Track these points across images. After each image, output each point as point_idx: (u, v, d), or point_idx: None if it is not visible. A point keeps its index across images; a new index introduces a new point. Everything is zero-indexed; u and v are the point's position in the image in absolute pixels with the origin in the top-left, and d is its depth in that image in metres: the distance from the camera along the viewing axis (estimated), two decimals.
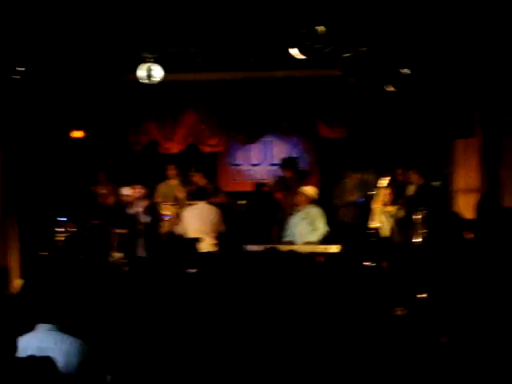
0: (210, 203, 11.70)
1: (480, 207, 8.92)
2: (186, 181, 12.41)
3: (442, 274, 7.54)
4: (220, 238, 11.56)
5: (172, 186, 12.24)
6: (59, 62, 10.14)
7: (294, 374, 4.73)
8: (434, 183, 11.74)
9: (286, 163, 12.50)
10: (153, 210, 11.23)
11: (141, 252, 10.76)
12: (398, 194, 10.90)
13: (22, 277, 10.28)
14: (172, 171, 12.24)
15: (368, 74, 9.20)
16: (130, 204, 11.31)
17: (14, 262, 11.31)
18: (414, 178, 11.23)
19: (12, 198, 11.63)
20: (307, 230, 11.01)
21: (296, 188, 11.74)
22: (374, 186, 11.32)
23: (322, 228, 10.96)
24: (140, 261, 10.21)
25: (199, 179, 12.37)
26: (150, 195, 11.67)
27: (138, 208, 11.05)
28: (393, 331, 5.91)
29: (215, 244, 11.39)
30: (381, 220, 10.73)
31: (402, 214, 10.71)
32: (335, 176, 12.57)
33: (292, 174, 12.31)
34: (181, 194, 12.00)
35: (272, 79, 11.85)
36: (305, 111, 12.05)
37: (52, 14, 8.43)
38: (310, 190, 11.22)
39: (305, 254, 10.25)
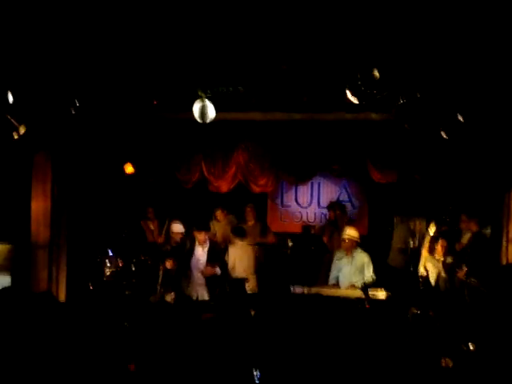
0: (256, 243, 11.80)
1: None
2: (241, 217, 12.50)
3: (491, 326, 7.38)
4: (266, 278, 11.56)
5: (221, 227, 12.34)
6: (113, 98, 10.27)
7: None
8: (484, 231, 11.58)
9: (334, 205, 12.51)
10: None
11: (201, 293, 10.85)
12: (450, 243, 10.75)
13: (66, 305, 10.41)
14: (220, 215, 12.30)
15: (422, 120, 9.13)
16: (179, 242, 11.32)
17: (60, 291, 11.45)
18: (473, 225, 11.10)
19: (62, 227, 11.80)
20: (353, 274, 10.93)
21: (341, 230, 11.70)
22: (424, 233, 11.20)
23: (369, 276, 10.88)
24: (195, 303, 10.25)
25: (251, 216, 12.49)
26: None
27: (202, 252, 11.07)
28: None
29: (257, 284, 11.44)
30: (428, 267, 10.58)
31: (450, 261, 10.55)
32: (384, 221, 12.48)
33: (339, 215, 12.27)
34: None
35: (324, 121, 11.79)
36: (356, 154, 11.93)
37: (108, 51, 8.55)
38: (353, 233, 11.17)
39: (352, 299, 10.21)
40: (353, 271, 10.95)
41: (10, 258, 11.86)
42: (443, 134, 9.54)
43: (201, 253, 11.04)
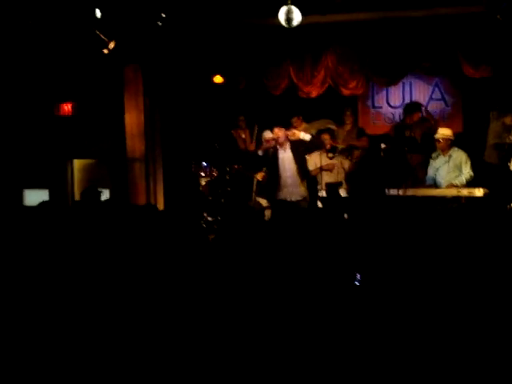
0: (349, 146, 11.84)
1: None
2: (340, 121, 12.46)
3: None
4: (361, 182, 11.55)
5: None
6: (199, 7, 10.25)
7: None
8: None
9: (412, 107, 12.28)
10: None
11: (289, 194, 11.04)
12: None
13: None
14: (296, 121, 12.23)
15: None
16: (271, 148, 11.41)
17: (158, 202, 11.74)
18: None
19: (156, 140, 12.01)
20: (450, 173, 10.79)
21: (433, 130, 11.49)
22: None
23: (467, 173, 10.73)
24: (287, 205, 10.30)
25: (350, 119, 12.45)
26: None
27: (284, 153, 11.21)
28: None
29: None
30: None
31: None
32: (479, 117, 12.19)
33: (418, 117, 12.08)
34: None
35: (413, 18, 11.49)
36: (447, 50, 11.58)
37: None
38: (447, 132, 11.00)
39: (449, 198, 10.09)
40: (450, 170, 10.81)
41: (107, 173, 12.17)
42: None
43: (283, 155, 11.18)
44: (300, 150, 11.23)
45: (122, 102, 11.74)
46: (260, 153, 11.55)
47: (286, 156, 11.21)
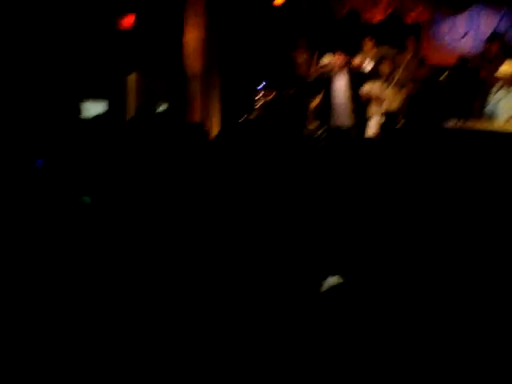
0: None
1: None
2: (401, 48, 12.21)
3: None
4: (418, 112, 11.39)
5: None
6: None
7: None
8: None
9: (494, 37, 11.92)
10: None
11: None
12: None
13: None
14: (367, 44, 11.94)
15: None
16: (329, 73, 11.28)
17: (214, 122, 11.74)
18: None
19: (214, 59, 11.95)
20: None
21: (500, 63, 11.17)
22: None
23: None
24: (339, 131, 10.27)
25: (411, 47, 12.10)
26: None
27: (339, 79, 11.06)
28: None
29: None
30: None
31: None
32: None
33: (498, 48, 11.72)
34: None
35: None
36: None
37: None
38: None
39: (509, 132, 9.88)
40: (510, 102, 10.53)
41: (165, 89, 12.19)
42: None
43: (338, 81, 11.09)
44: (357, 78, 11.06)
45: (182, 19, 11.67)
46: (316, 77, 11.41)
47: (341, 83, 11.07)
